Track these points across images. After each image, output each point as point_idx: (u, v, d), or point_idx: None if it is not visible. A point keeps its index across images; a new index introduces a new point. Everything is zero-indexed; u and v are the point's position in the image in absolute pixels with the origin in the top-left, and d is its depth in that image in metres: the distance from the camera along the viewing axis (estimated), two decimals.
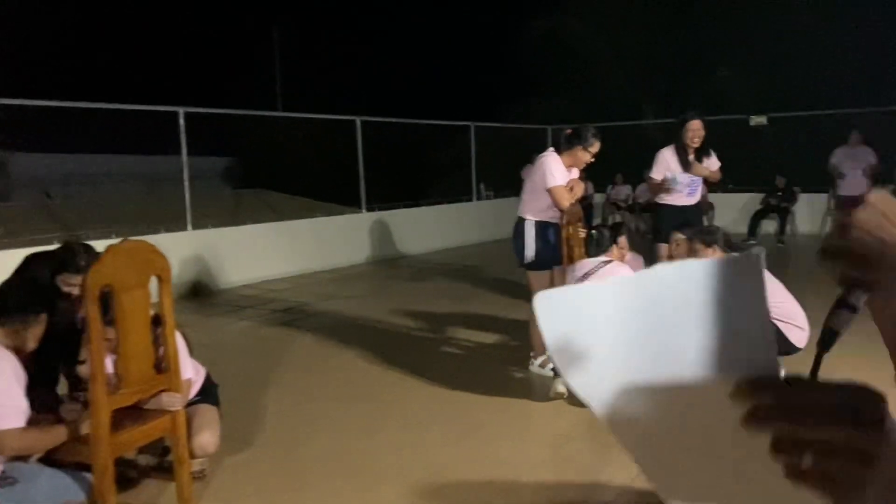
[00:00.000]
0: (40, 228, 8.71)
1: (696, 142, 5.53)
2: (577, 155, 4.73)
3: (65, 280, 3.17)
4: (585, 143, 4.71)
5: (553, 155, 4.73)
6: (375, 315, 6.94)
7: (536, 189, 4.73)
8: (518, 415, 4.21)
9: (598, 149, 4.81)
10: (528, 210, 4.82)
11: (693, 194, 5.71)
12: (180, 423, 3.04)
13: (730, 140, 13.13)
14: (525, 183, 4.94)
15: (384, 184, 12.17)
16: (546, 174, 4.62)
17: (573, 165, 4.76)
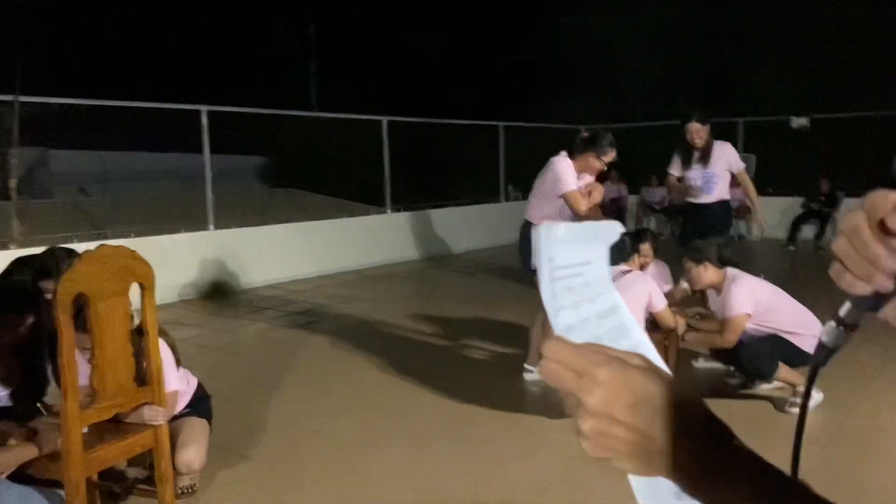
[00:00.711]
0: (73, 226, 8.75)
1: (697, 142, 5.43)
2: (588, 161, 4.49)
3: (46, 286, 3.06)
4: (599, 151, 4.47)
5: (565, 159, 4.50)
6: (392, 319, 6.78)
7: (545, 194, 4.51)
8: (529, 432, 3.99)
9: (613, 158, 4.56)
10: (535, 215, 4.62)
11: (709, 191, 5.52)
12: (163, 438, 2.90)
13: (770, 142, 12.72)
14: (534, 186, 4.71)
15: (411, 184, 12.02)
16: (557, 180, 4.41)
17: (584, 171, 4.52)
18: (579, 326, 0.68)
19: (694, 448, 0.56)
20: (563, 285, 0.68)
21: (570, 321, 0.68)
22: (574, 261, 0.69)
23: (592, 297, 0.70)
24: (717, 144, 5.54)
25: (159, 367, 2.86)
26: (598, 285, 0.71)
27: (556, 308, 0.68)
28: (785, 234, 11.46)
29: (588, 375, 0.58)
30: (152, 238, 7.64)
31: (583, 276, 0.70)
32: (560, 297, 0.68)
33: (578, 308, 0.69)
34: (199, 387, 3.36)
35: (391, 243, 10.32)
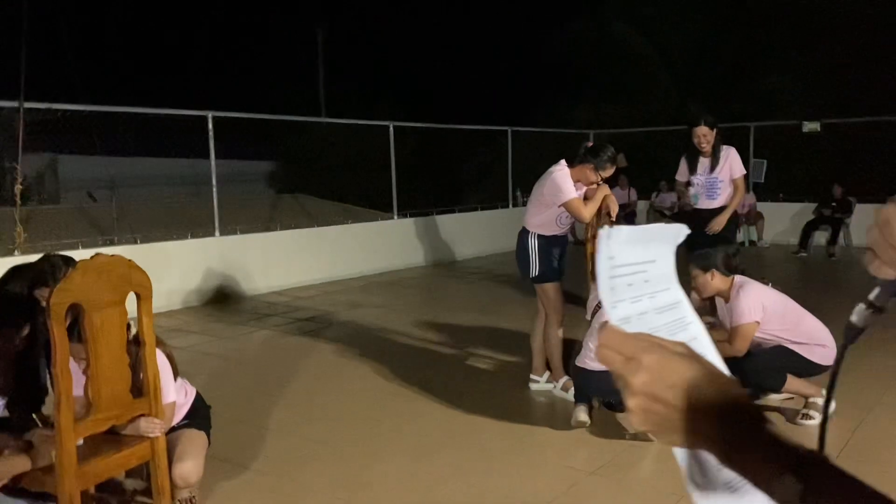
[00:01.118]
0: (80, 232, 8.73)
1: (704, 146, 5.39)
2: (585, 172, 4.41)
3: (41, 294, 3.01)
4: (598, 164, 4.39)
5: (564, 168, 4.43)
6: (398, 326, 6.72)
7: (543, 202, 4.44)
8: (535, 443, 3.92)
9: (610, 174, 4.49)
10: (532, 222, 4.56)
11: (713, 197, 5.48)
12: (160, 451, 2.85)
13: (781, 147, 12.59)
14: (532, 193, 4.64)
15: (418, 189, 11.97)
16: (557, 190, 4.34)
17: (579, 181, 4.44)
18: (637, 318, 0.75)
19: (727, 425, 0.64)
20: (624, 282, 0.75)
21: (628, 313, 0.75)
22: (636, 259, 0.76)
23: (652, 293, 0.77)
24: (723, 149, 5.48)
25: (156, 378, 2.81)
26: (659, 282, 0.78)
27: (614, 301, 0.74)
28: (796, 240, 11.33)
29: (635, 360, 0.67)
30: (158, 244, 7.62)
31: (645, 273, 0.77)
32: (619, 291, 0.74)
33: (637, 302, 0.76)
34: (198, 397, 3.30)
35: (398, 249, 10.26)
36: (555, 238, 4.54)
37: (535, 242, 4.50)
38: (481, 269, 10.35)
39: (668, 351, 0.67)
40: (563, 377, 4.58)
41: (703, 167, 5.51)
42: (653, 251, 0.78)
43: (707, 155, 5.47)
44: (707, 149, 5.42)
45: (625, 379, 0.68)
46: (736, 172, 5.49)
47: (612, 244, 0.75)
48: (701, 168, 5.52)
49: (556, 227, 4.50)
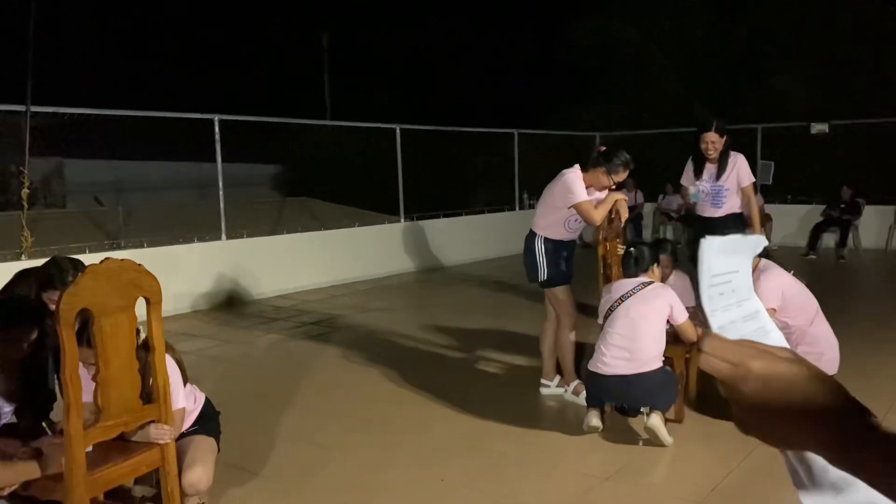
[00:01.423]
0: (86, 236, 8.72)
1: (710, 153, 5.23)
2: (598, 176, 4.37)
3: (49, 297, 2.98)
4: (610, 168, 4.34)
5: (576, 172, 4.38)
6: (406, 330, 6.68)
7: (552, 204, 4.40)
8: (546, 449, 3.87)
9: (622, 179, 4.45)
10: (540, 225, 4.51)
11: (718, 205, 5.32)
12: (170, 457, 2.81)
13: (789, 149, 12.51)
14: (542, 196, 4.60)
15: (425, 192, 11.93)
16: (568, 191, 4.29)
17: (591, 185, 4.40)
18: (729, 326, 0.77)
19: (840, 426, 0.64)
20: (717, 291, 0.78)
21: (722, 322, 0.77)
22: (725, 269, 0.79)
23: (739, 302, 0.80)
24: (731, 156, 5.31)
25: (166, 384, 2.77)
26: (742, 291, 0.81)
27: (712, 310, 0.76)
28: (805, 243, 11.26)
29: (742, 366, 0.68)
30: (165, 248, 7.60)
31: (731, 282, 0.80)
32: (714, 301, 0.77)
33: (728, 311, 0.78)
34: (207, 403, 3.26)
35: (405, 252, 10.23)
36: (562, 242, 4.49)
37: (543, 246, 4.45)
38: (489, 273, 10.30)
39: (774, 356, 0.68)
40: (574, 381, 4.53)
41: (709, 174, 5.32)
42: (736, 261, 0.81)
43: (713, 161, 5.29)
44: (714, 156, 5.25)
45: (734, 386, 0.68)
46: (744, 181, 5.28)
47: (710, 255, 0.77)
48: (706, 174, 5.33)
49: (565, 230, 4.44)
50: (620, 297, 3.86)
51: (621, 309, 3.82)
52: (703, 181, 5.34)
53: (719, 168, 5.28)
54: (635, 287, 3.87)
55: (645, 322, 3.77)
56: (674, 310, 3.87)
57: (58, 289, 3.01)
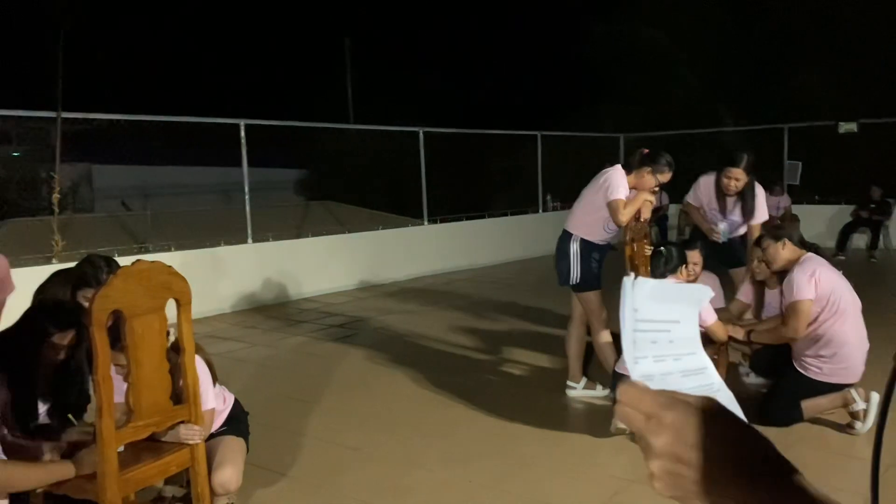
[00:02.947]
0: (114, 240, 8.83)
1: (731, 190, 4.91)
2: (644, 177, 4.33)
3: (84, 295, 3.03)
4: (656, 168, 4.31)
5: (619, 170, 4.35)
6: (431, 332, 6.68)
7: (592, 203, 4.36)
8: (573, 451, 3.85)
9: (667, 179, 4.39)
10: (576, 225, 4.46)
11: (732, 233, 5.11)
12: (200, 458, 2.83)
13: (817, 148, 12.35)
14: (580, 195, 4.57)
15: (448, 195, 11.94)
16: (609, 186, 4.25)
17: (636, 187, 4.36)
18: (660, 378, 0.73)
19: (758, 485, 0.58)
20: (647, 338, 0.74)
21: (651, 371, 0.74)
22: (659, 317, 0.75)
23: (678, 355, 0.76)
24: (758, 196, 4.95)
25: (196, 385, 2.79)
26: (683, 345, 0.77)
27: (636, 356, 0.73)
28: (833, 243, 11.09)
29: (655, 418, 0.62)
30: (192, 251, 7.67)
31: (669, 333, 0.76)
32: (641, 347, 0.73)
33: (661, 361, 0.75)
34: (236, 404, 3.29)
35: (429, 255, 10.24)
36: (598, 245, 4.43)
37: (578, 247, 4.41)
38: (512, 275, 10.28)
39: (690, 407, 0.62)
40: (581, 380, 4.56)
41: (729, 209, 5.05)
42: (677, 311, 0.77)
43: (731, 195, 4.98)
44: (734, 193, 4.93)
45: (645, 440, 0.63)
46: (759, 218, 4.96)
47: (637, 296, 0.73)
48: (730, 210, 5.05)
49: (603, 231, 4.40)
50: None
51: None
52: (725, 221, 5.06)
53: (744, 206, 4.96)
54: None
55: None
56: (702, 311, 3.82)
57: (92, 287, 3.05)
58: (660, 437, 0.61)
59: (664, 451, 0.61)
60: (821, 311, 3.93)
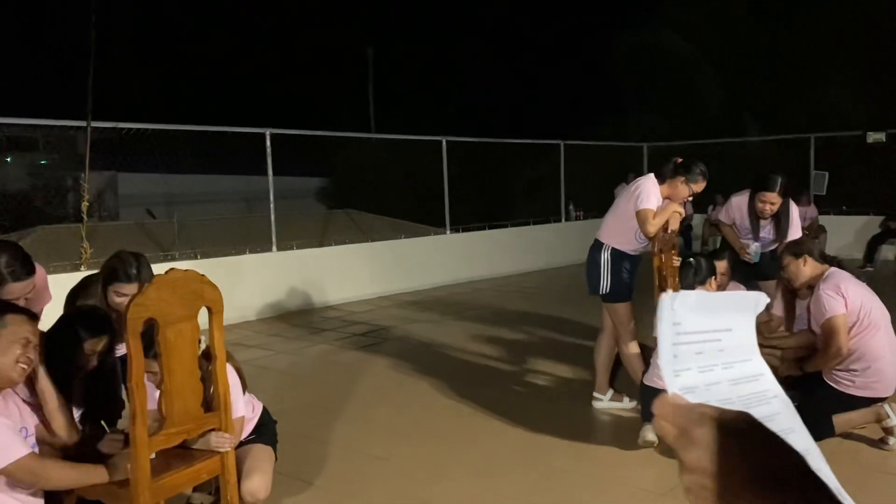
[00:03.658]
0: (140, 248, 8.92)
1: (766, 214, 4.86)
2: (677, 187, 4.30)
3: (116, 290, 3.07)
4: (690, 178, 4.28)
5: (652, 179, 4.32)
6: (455, 341, 6.67)
7: (623, 213, 4.33)
8: (601, 463, 3.81)
9: (701, 189, 4.36)
10: (608, 234, 4.43)
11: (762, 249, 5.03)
12: (230, 465, 2.84)
13: (845, 159, 12.21)
14: (613, 205, 4.55)
15: (471, 204, 11.94)
16: (640, 196, 4.22)
17: (670, 197, 4.33)
18: (704, 389, 0.71)
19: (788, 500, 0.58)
20: (691, 350, 0.72)
21: (693, 383, 0.71)
22: (707, 328, 0.73)
23: (728, 363, 0.74)
24: (792, 217, 4.90)
25: (227, 393, 2.80)
26: (736, 352, 0.75)
27: (677, 370, 0.71)
28: (861, 255, 10.94)
29: (686, 433, 0.64)
30: (217, 259, 7.73)
31: (720, 342, 0.73)
32: (684, 359, 0.71)
33: (707, 372, 0.73)
34: (265, 412, 3.30)
35: (451, 264, 10.23)
36: (629, 255, 4.40)
37: (608, 256, 4.37)
38: (534, 284, 10.25)
39: (722, 423, 0.62)
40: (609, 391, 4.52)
41: (764, 231, 5.00)
42: (729, 319, 0.75)
43: (766, 219, 4.93)
44: (769, 216, 4.89)
45: (678, 454, 0.64)
46: (794, 235, 4.86)
47: (678, 310, 0.72)
48: (762, 232, 5.00)
49: (635, 241, 4.36)
50: None
51: None
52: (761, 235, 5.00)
53: (778, 227, 4.91)
54: None
55: None
56: None
57: (122, 281, 3.09)
58: (690, 451, 0.63)
59: (694, 465, 0.62)
60: (851, 325, 3.87)
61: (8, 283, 2.72)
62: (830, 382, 3.95)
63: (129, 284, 3.12)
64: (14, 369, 2.40)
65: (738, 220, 5.10)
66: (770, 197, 4.80)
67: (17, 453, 2.29)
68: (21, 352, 2.41)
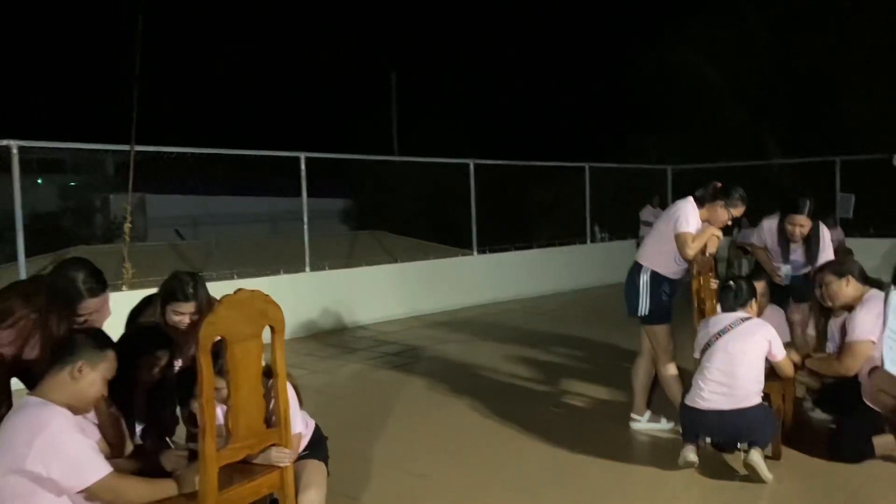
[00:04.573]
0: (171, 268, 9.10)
1: (797, 237, 4.86)
2: (717, 211, 4.38)
3: (174, 309, 3.18)
4: (729, 202, 4.35)
5: (691, 202, 4.41)
6: (487, 361, 6.75)
7: (663, 236, 4.40)
8: (642, 483, 3.86)
9: (741, 213, 4.45)
10: (647, 257, 4.49)
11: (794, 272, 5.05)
12: (289, 480, 2.94)
13: (871, 181, 12.19)
14: (652, 227, 4.63)
15: (496, 225, 12.05)
16: (679, 219, 4.30)
17: (709, 220, 4.41)
18: None
19: None
20: None
21: None
22: None
23: None
24: (822, 239, 4.90)
25: (287, 409, 2.91)
26: None
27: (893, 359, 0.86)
28: (889, 278, 10.87)
29: None
30: (253, 279, 7.87)
31: None
32: None
33: None
34: (317, 429, 3.40)
35: (478, 285, 10.33)
36: (668, 278, 4.45)
37: (647, 279, 4.44)
38: (561, 306, 10.30)
39: None
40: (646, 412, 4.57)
41: (794, 254, 5.01)
42: None
43: (797, 241, 4.93)
44: (799, 239, 4.88)
45: None
46: (824, 259, 4.82)
47: None
48: (792, 255, 5.01)
49: (674, 264, 4.41)
50: (718, 332, 3.85)
51: (719, 344, 3.81)
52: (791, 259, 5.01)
53: (809, 251, 4.91)
54: (734, 322, 3.86)
55: (744, 357, 3.75)
56: (772, 345, 3.84)
57: (180, 300, 3.20)
58: None
59: None
60: None
61: (85, 298, 2.86)
62: (870, 403, 3.98)
63: (187, 303, 3.23)
64: (97, 400, 2.56)
65: (770, 243, 5.15)
66: (799, 220, 4.83)
67: (101, 472, 2.40)
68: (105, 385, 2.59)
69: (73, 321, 2.81)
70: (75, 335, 2.67)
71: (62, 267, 2.90)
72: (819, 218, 5.00)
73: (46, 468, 2.32)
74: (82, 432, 2.50)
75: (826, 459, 3.98)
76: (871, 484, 3.71)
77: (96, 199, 22.42)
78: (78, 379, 2.52)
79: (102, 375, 2.59)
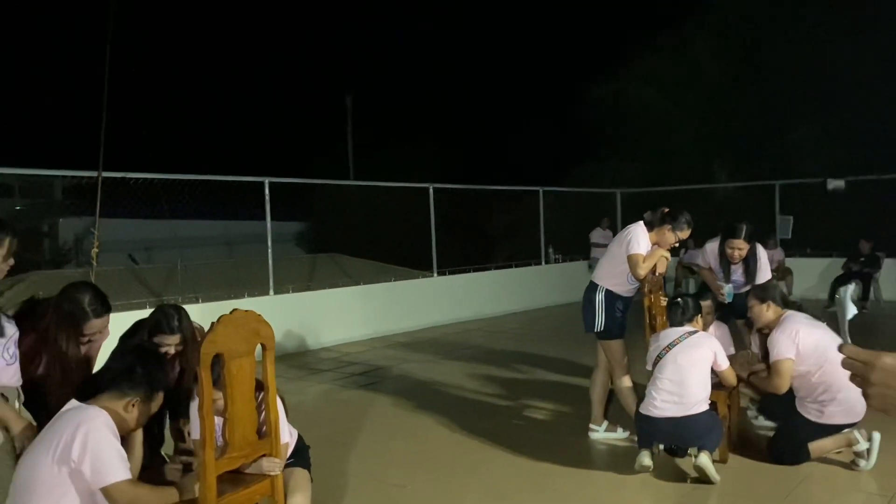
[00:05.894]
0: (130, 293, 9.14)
1: (735, 259, 5.20)
2: (665, 234, 4.75)
3: (160, 340, 3.34)
4: (676, 226, 4.73)
5: (641, 226, 4.77)
6: (451, 379, 7.00)
7: (616, 258, 4.75)
8: (603, 487, 4.16)
9: (686, 237, 4.83)
10: (602, 277, 4.84)
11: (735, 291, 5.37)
12: (279, 487, 3.14)
13: (807, 204, 12.91)
14: (606, 250, 4.98)
15: (454, 247, 12.35)
16: (631, 241, 4.66)
17: (658, 243, 4.78)
18: None
19: None
20: None
21: None
22: None
23: None
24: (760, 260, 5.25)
25: (277, 421, 3.12)
26: None
27: None
28: (826, 296, 11.52)
29: (870, 363, 1.15)
30: (217, 303, 7.99)
31: None
32: None
33: None
34: (300, 438, 3.61)
35: (439, 306, 10.60)
36: (621, 297, 4.79)
37: (602, 297, 4.78)
38: (519, 325, 10.63)
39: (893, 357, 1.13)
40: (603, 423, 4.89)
41: (735, 274, 5.35)
42: None
43: (736, 263, 5.26)
44: (738, 261, 5.23)
45: (864, 376, 1.14)
46: (762, 280, 5.16)
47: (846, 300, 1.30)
48: (733, 275, 5.35)
49: (627, 283, 4.75)
50: (668, 345, 4.20)
51: (669, 356, 4.16)
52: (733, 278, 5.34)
53: (747, 270, 5.24)
54: (682, 336, 4.21)
55: (692, 368, 4.10)
56: (717, 357, 4.21)
57: (165, 332, 3.37)
58: (874, 373, 1.12)
59: (878, 381, 1.12)
60: (810, 365, 4.26)
61: (90, 319, 3.04)
62: (804, 413, 4.34)
63: (172, 336, 3.38)
64: (135, 429, 2.82)
65: (713, 264, 5.54)
66: (737, 244, 5.20)
67: (121, 475, 2.57)
68: None
69: (79, 341, 2.98)
70: (137, 367, 2.83)
71: (68, 290, 3.07)
72: (758, 239, 5.43)
73: (80, 460, 2.51)
74: (118, 438, 2.70)
75: (768, 462, 4.35)
76: (808, 483, 4.08)
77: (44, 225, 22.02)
78: (129, 412, 2.75)
79: (149, 413, 2.80)
